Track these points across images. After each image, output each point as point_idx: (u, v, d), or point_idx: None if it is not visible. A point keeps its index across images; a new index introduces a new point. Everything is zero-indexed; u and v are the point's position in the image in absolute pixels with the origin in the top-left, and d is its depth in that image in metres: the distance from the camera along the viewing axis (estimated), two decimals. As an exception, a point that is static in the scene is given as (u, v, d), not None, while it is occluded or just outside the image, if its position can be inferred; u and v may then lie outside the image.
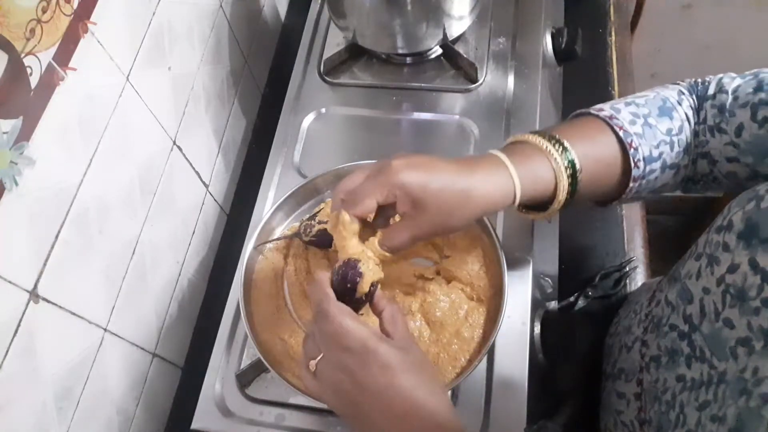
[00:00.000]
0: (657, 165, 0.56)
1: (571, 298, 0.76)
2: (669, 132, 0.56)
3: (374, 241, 0.52)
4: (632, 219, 0.83)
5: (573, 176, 0.53)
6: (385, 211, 0.53)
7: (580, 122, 0.58)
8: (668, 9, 1.39)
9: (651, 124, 0.56)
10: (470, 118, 0.79)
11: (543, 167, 0.53)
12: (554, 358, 0.66)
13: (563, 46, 0.87)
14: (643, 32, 1.41)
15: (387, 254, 0.52)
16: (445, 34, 0.80)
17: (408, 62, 0.86)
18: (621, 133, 0.54)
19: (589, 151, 0.54)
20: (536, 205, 0.57)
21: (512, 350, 0.63)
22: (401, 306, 0.62)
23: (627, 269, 0.79)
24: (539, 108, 0.78)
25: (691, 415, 0.45)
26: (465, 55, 0.82)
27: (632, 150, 0.54)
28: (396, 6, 0.76)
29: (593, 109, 0.58)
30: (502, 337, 0.63)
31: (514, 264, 0.67)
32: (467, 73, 0.83)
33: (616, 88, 0.93)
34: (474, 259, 0.64)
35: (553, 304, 0.75)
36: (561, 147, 0.53)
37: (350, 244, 0.52)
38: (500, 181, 0.51)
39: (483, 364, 0.63)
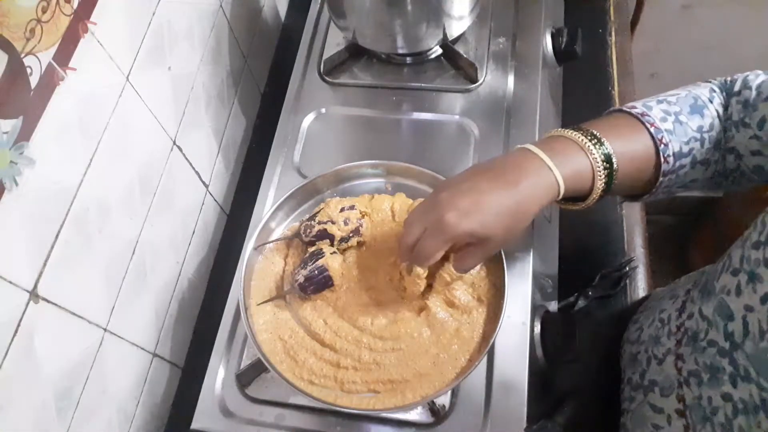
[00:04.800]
0: (687, 161, 0.58)
1: (571, 298, 0.76)
2: (700, 129, 0.58)
3: (448, 266, 0.59)
4: (632, 219, 0.83)
5: (609, 170, 0.55)
6: None
7: (614, 119, 0.60)
8: (668, 9, 1.39)
9: (682, 121, 0.58)
10: (470, 118, 0.79)
11: (581, 161, 0.55)
12: (554, 358, 0.66)
13: (563, 46, 0.87)
14: (643, 32, 1.41)
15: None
16: (445, 34, 0.80)
17: (408, 62, 0.86)
18: (652, 130, 0.56)
19: (623, 147, 0.56)
20: (573, 197, 0.59)
21: (512, 350, 0.63)
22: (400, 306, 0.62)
23: (627, 269, 0.79)
24: (539, 108, 0.78)
25: None
26: (465, 55, 0.82)
27: (662, 146, 0.56)
28: (396, 6, 0.76)
29: (626, 107, 0.60)
30: (502, 337, 0.63)
31: (514, 264, 0.67)
32: (467, 73, 0.83)
33: (616, 88, 0.94)
34: (474, 259, 0.64)
35: (553, 304, 0.75)
36: (597, 141, 0.55)
37: (423, 289, 0.61)
38: (545, 182, 0.54)
39: (483, 364, 0.63)
